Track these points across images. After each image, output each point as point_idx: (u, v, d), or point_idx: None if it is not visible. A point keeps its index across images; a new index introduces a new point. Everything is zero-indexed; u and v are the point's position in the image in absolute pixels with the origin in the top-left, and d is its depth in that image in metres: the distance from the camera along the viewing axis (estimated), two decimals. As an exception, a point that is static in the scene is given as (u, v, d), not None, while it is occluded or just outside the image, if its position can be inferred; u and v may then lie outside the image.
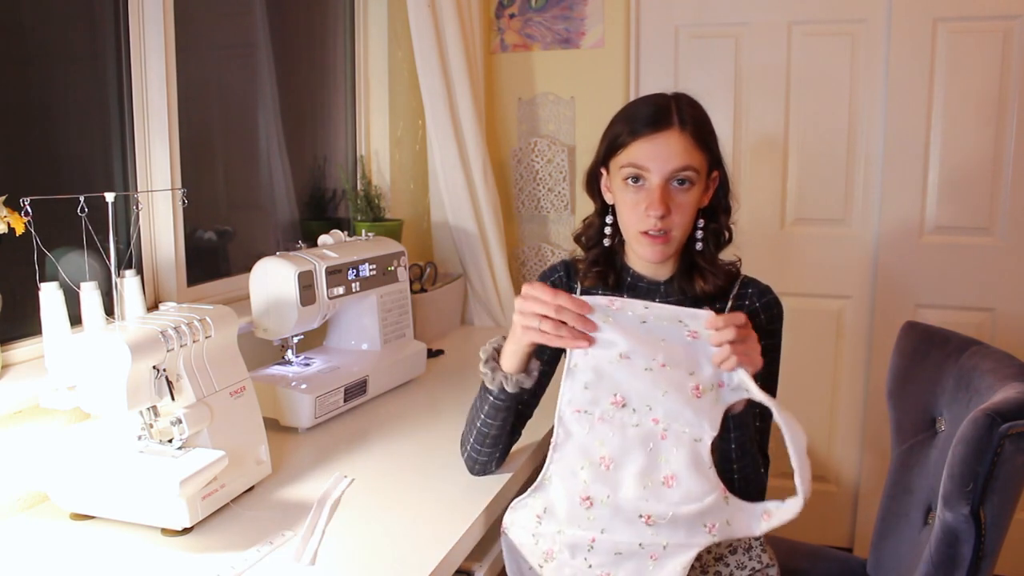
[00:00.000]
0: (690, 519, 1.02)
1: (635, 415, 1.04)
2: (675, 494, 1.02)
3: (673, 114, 1.16)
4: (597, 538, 1.04)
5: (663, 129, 1.15)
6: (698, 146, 1.15)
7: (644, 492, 1.02)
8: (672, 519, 1.01)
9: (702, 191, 1.19)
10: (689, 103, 1.19)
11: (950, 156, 2.21)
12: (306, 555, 1.03)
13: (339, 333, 1.72)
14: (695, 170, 1.15)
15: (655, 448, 1.03)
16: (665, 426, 1.03)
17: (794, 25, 2.29)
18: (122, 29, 1.51)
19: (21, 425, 1.18)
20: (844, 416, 2.40)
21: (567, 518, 1.06)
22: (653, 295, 1.24)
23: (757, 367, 1.04)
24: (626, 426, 1.05)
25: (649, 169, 1.15)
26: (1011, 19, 2.11)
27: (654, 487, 1.03)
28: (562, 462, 1.07)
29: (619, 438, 1.04)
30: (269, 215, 2.06)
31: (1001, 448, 1.02)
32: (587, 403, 1.06)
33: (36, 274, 1.16)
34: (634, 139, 1.17)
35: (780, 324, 1.24)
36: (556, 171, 2.48)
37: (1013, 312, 2.21)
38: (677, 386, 1.02)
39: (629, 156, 1.17)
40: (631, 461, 1.03)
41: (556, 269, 1.33)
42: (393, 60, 2.31)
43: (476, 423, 1.22)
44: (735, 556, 1.21)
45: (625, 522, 1.03)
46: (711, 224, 1.23)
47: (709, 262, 1.22)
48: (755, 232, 2.37)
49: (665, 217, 1.15)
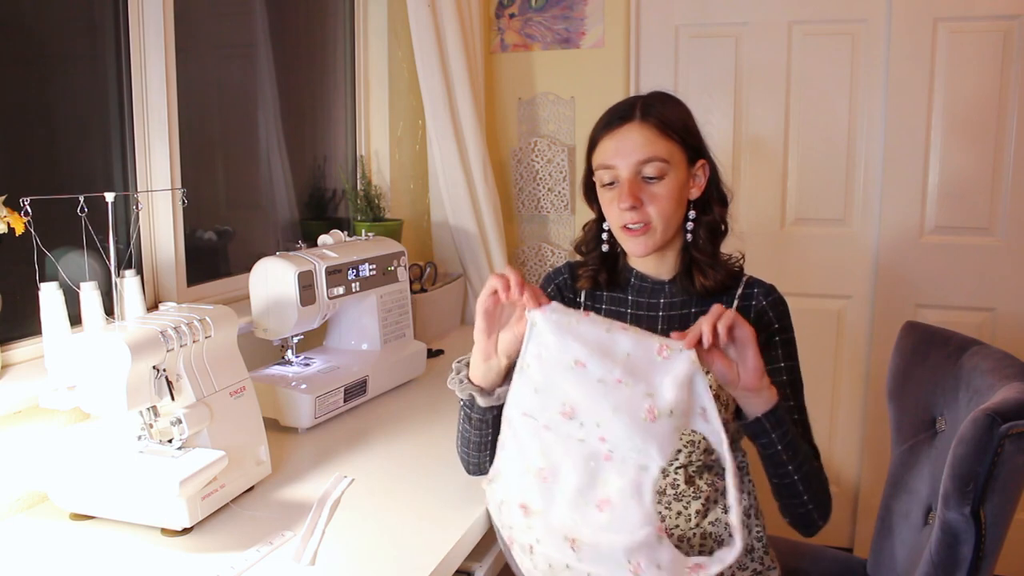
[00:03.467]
0: (614, 552, 0.92)
1: (582, 429, 0.96)
2: (603, 518, 0.93)
3: (636, 109, 1.17)
4: (534, 547, 0.99)
5: (624, 123, 1.16)
6: (664, 135, 1.15)
7: (574, 513, 0.95)
8: (595, 547, 0.93)
9: (683, 182, 1.17)
10: (659, 98, 1.19)
11: (950, 156, 2.20)
12: (306, 555, 1.03)
13: (339, 333, 1.72)
14: (663, 160, 1.14)
15: (596, 468, 0.95)
16: (611, 447, 0.94)
17: (794, 25, 2.29)
18: (122, 29, 1.51)
19: (21, 425, 1.18)
20: (844, 416, 2.40)
21: (511, 520, 1.03)
22: (659, 295, 1.24)
23: (734, 381, 0.99)
24: (571, 439, 0.96)
25: (615, 165, 1.16)
26: (1011, 19, 2.11)
27: (585, 507, 0.94)
28: (508, 462, 1.03)
29: (561, 450, 0.97)
30: (269, 215, 2.06)
31: (1001, 448, 1.02)
32: (535, 408, 0.99)
33: (36, 274, 1.16)
34: (600, 138, 1.19)
35: (790, 320, 1.23)
36: (556, 171, 2.48)
37: (1013, 312, 2.21)
38: (629, 406, 0.92)
39: (598, 157, 1.19)
40: (569, 477, 0.96)
41: (560, 271, 1.32)
42: (393, 60, 2.31)
43: (459, 428, 1.21)
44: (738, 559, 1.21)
45: (554, 540, 0.97)
46: (704, 216, 1.21)
47: (707, 255, 1.20)
48: (755, 232, 2.37)
49: (636, 209, 1.14)
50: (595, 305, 1.28)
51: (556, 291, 1.30)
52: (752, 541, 1.21)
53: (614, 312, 1.26)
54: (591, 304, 1.29)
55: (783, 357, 1.20)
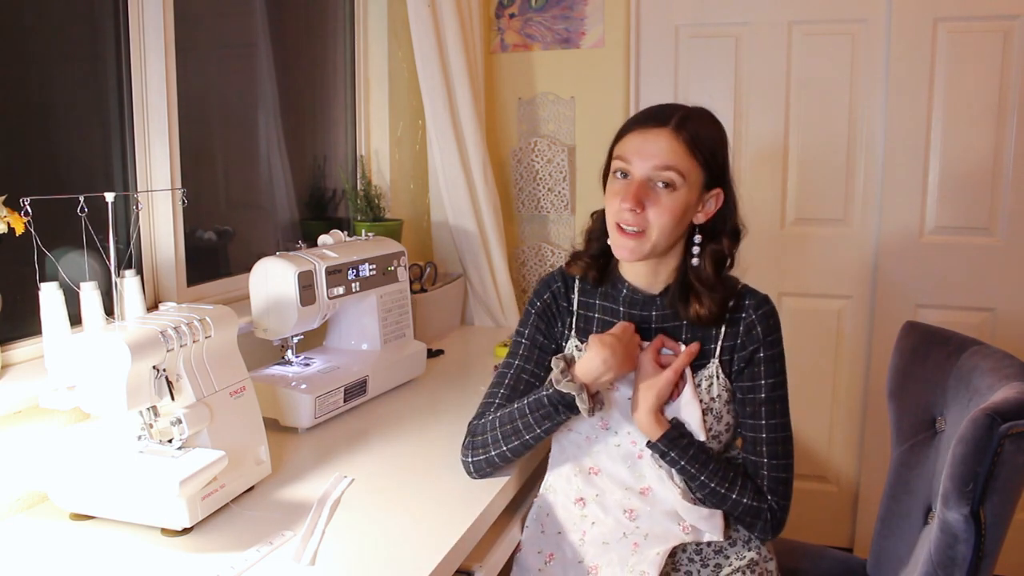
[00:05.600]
0: (666, 515, 1.19)
1: (617, 436, 1.23)
2: (647, 502, 1.21)
3: (673, 116, 1.15)
4: (587, 531, 1.21)
5: (656, 127, 1.15)
6: (689, 152, 1.14)
7: (624, 497, 1.22)
8: (648, 515, 1.20)
9: (690, 202, 1.16)
10: (700, 115, 1.19)
11: (950, 156, 2.21)
12: (306, 555, 1.03)
13: (339, 333, 1.72)
14: (680, 173, 1.13)
15: (632, 464, 1.22)
16: (641, 448, 1.21)
17: (794, 25, 2.29)
18: (122, 29, 1.51)
19: (21, 425, 1.18)
20: (844, 416, 2.40)
21: (564, 517, 1.25)
22: (650, 307, 1.24)
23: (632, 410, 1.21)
24: (609, 444, 1.24)
25: (632, 162, 1.15)
26: (1011, 19, 2.11)
27: (631, 495, 1.22)
28: (558, 476, 1.27)
29: (604, 454, 1.24)
30: (269, 215, 2.06)
31: (1001, 448, 1.02)
32: (579, 424, 1.25)
33: (36, 274, 1.16)
34: (628, 132, 1.18)
35: (779, 333, 1.22)
36: (556, 171, 2.48)
37: (1013, 312, 2.21)
38: None
39: (620, 148, 1.19)
40: (614, 470, 1.23)
41: (554, 279, 1.32)
42: (393, 60, 2.31)
43: (525, 434, 1.20)
44: (735, 548, 1.23)
45: (610, 517, 1.21)
46: (710, 244, 1.20)
47: (706, 285, 1.18)
48: (755, 232, 2.35)
49: (636, 212, 1.14)
50: (588, 314, 1.28)
51: (552, 298, 1.31)
52: (749, 533, 1.24)
53: (607, 322, 1.26)
54: (584, 313, 1.29)
55: (764, 375, 1.20)
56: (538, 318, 1.30)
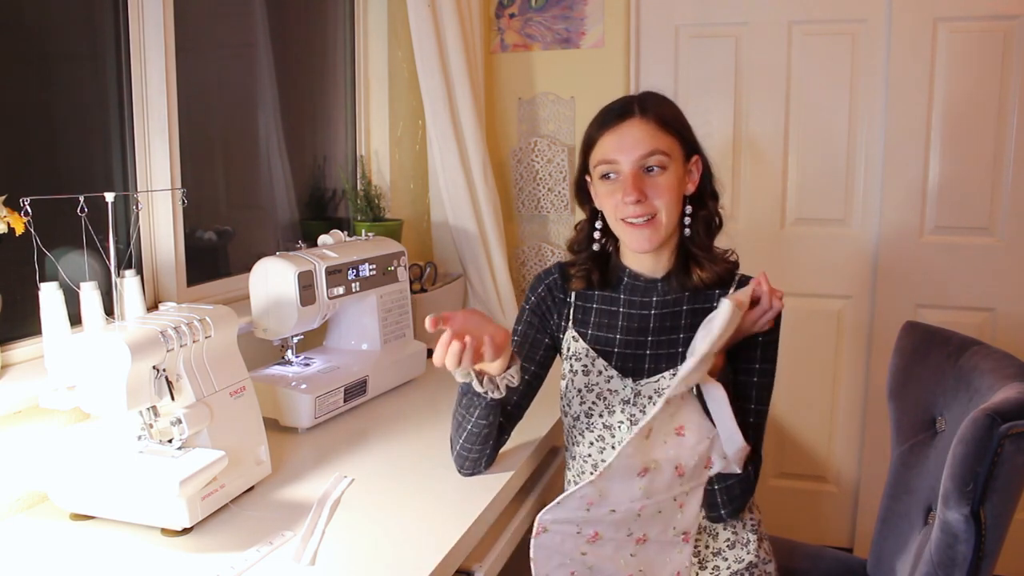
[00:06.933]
0: (700, 461, 1.11)
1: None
2: (689, 439, 1.10)
3: (634, 105, 1.19)
4: (646, 505, 1.09)
5: (623, 120, 1.18)
6: (663, 130, 1.18)
7: (667, 444, 1.10)
8: (695, 467, 1.11)
9: (680, 175, 1.20)
10: (653, 96, 1.22)
11: (950, 156, 2.20)
12: (306, 555, 1.03)
13: (339, 333, 1.72)
14: (664, 153, 1.17)
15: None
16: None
17: (794, 25, 2.29)
18: (122, 29, 1.51)
19: (21, 425, 1.18)
20: (844, 416, 2.40)
21: (621, 497, 1.10)
22: (651, 293, 1.25)
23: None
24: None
25: (617, 160, 1.18)
26: (1011, 19, 2.11)
27: (670, 437, 1.10)
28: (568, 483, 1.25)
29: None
30: (269, 215, 2.05)
31: (1001, 448, 1.02)
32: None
33: (36, 274, 1.16)
34: (600, 135, 1.20)
35: (777, 322, 1.23)
36: (556, 171, 2.48)
37: (1013, 312, 2.21)
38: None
39: (599, 153, 1.20)
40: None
41: (551, 272, 1.33)
42: (393, 60, 2.31)
43: (466, 424, 1.21)
44: (733, 551, 1.23)
45: (665, 481, 1.08)
46: (700, 211, 1.24)
47: (704, 250, 1.23)
48: (755, 232, 2.37)
49: (641, 202, 1.16)
50: (586, 304, 1.28)
51: (547, 291, 1.31)
52: (747, 533, 1.24)
53: (606, 311, 1.26)
54: (582, 304, 1.29)
55: (759, 359, 1.22)
56: (532, 313, 1.32)
